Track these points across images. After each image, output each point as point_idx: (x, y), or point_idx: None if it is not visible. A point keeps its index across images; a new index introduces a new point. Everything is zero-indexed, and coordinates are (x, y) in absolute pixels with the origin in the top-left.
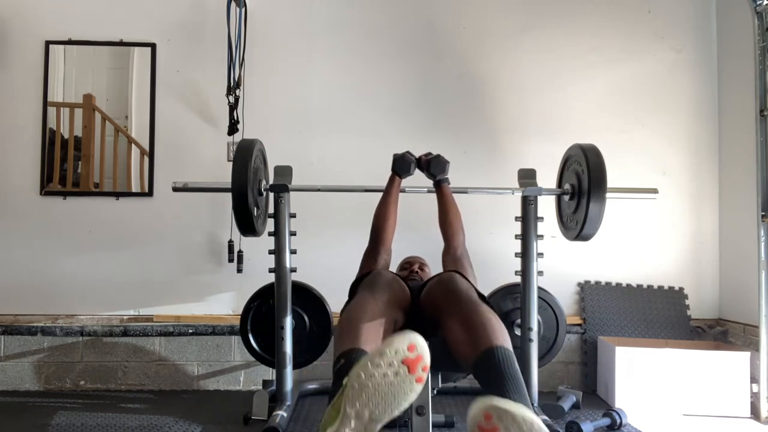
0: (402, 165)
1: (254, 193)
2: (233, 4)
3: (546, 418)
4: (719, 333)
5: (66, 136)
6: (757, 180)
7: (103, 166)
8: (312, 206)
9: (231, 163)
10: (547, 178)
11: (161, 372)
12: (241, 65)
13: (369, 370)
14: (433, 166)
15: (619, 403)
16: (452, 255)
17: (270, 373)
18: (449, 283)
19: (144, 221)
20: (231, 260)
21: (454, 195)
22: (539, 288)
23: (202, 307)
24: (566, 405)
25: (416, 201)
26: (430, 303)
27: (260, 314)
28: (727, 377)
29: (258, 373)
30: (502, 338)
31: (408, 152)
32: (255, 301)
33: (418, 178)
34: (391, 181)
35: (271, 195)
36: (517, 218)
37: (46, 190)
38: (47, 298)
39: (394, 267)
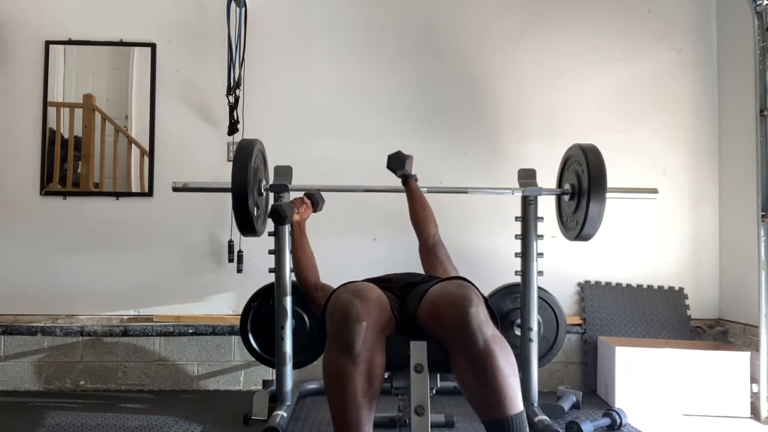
0: (275, 216)
1: (254, 193)
2: (233, 4)
3: (546, 418)
4: (719, 333)
5: (66, 136)
6: (757, 180)
7: (103, 166)
8: None
9: (231, 163)
10: (547, 178)
11: (161, 372)
12: (241, 65)
13: None
14: (393, 161)
15: (619, 403)
16: (425, 247)
17: (270, 373)
18: (463, 313)
19: (144, 221)
20: (231, 260)
21: (455, 195)
22: (539, 288)
23: (202, 307)
24: (566, 405)
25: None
26: (434, 320)
27: (260, 314)
28: (727, 377)
29: (258, 373)
30: (517, 402)
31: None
32: (255, 301)
33: (421, 179)
34: (291, 229)
35: (271, 195)
36: (517, 218)
37: (46, 190)
38: (47, 298)
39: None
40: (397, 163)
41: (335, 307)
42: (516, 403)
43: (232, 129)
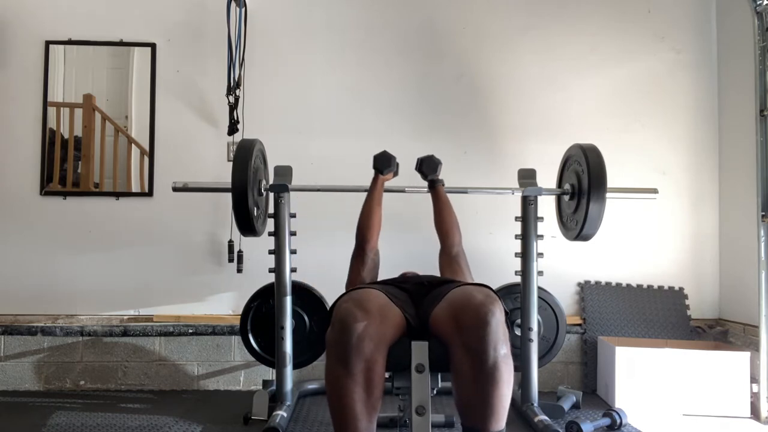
0: (382, 161)
1: (254, 193)
2: (233, 4)
3: (546, 418)
4: (719, 333)
5: (66, 136)
6: (757, 180)
7: (103, 166)
8: (312, 206)
9: (231, 163)
10: (547, 178)
11: (161, 372)
12: (241, 65)
13: None
14: (425, 165)
15: (619, 403)
16: (447, 254)
17: (270, 373)
18: (485, 325)
19: (144, 221)
20: (231, 260)
21: (455, 195)
22: (539, 288)
23: (202, 307)
24: (566, 405)
25: (417, 201)
26: (452, 321)
27: (260, 314)
28: (727, 377)
29: (258, 373)
30: (503, 420)
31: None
32: (255, 301)
33: (419, 179)
34: (374, 180)
35: (271, 195)
36: (517, 218)
37: (46, 190)
38: (47, 298)
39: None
40: (429, 167)
41: (336, 316)
42: (501, 422)
43: (232, 129)
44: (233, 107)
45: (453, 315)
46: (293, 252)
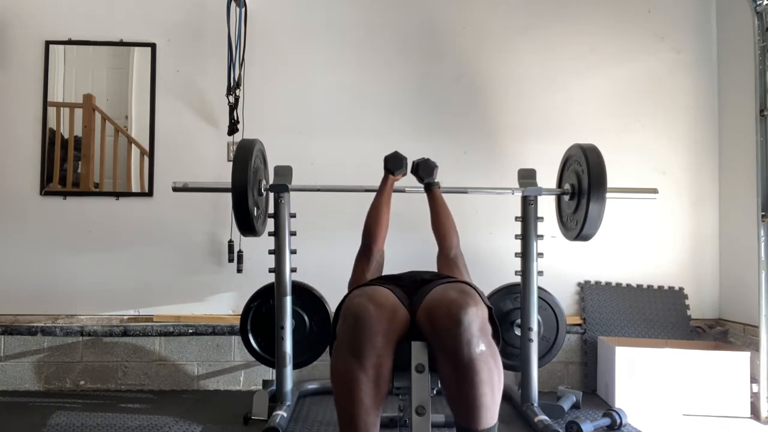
0: (394, 162)
1: (254, 193)
2: (233, 4)
3: (546, 418)
4: (719, 333)
5: (66, 136)
6: (757, 180)
7: (103, 166)
8: (312, 206)
9: (231, 163)
10: (547, 178)
11: (161, 372)
12: (241, 65)
13: None
14: (422, 169)
15: (619, 403)
16: (445, 257)
17: (270, 373)
18: (456, 323)
19: (144, 221)
20: (231, 260)
21: (455, 195)
22: (539, 288)
23: (202, 307)
24: (566, 405)
25: (417, 202)
26: (428, 322)
27: (260, 314)
28: (727, 377)
29: (258, 373)
30: (489, 418)
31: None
32: (255, 301)
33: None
34: (384, 180)
35: (271, 195)
36: (517, 218)
37: (46, 190)
38: (47, 298)
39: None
40: (426, 170)
41: (349, 310)
42: (487, 419)
43: (232, 129)
44: (233, 107)
45: (428, 316)
46: (293, 252)
